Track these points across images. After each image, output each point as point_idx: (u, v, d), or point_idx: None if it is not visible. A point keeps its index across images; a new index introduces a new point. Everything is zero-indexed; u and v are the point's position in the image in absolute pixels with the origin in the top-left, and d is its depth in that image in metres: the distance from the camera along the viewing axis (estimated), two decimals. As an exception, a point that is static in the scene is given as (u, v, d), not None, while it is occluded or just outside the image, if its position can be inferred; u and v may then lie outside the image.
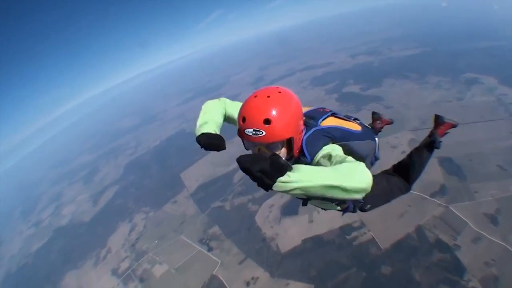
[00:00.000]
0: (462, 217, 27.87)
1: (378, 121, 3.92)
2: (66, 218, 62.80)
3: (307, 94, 77.87)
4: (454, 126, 3.81)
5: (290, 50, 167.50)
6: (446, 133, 3.84)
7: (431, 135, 3.75)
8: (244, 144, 2.24)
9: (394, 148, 42.45)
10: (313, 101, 66.49)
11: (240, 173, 41.84)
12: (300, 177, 1.50)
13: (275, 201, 37.33)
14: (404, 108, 56.06)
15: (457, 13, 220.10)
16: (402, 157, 3.72)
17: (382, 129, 3.96)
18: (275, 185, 1.47)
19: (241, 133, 2.04)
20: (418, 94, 62.27)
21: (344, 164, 1.74)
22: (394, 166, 3.73)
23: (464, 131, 42.98)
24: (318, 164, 2.12)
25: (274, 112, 1.89)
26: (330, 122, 2.52)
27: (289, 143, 2.09)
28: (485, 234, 25.35)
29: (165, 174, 59.89)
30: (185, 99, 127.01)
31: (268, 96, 1.98)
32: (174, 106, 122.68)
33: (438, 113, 3.91)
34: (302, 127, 2.20)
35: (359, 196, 1.64)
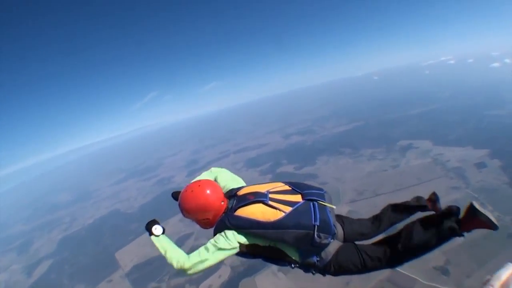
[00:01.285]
0: (410, 275, 28.14)
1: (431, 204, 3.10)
2: (-2, 286, 59.41)
3: (241, 176, 74.71)
4: (491, 228, 2.58)
5: (224, 132, 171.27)
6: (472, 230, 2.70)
7: (454, 225, 2.68)
8: None
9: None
10: (248, 183, 69.24)
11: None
12: (154, 239, 2.96)
13: (213, 281, 38.03)
14: (339, 182, 56.59)
15: (389, 84, 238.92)
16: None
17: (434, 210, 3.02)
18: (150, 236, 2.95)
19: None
20: (353, 167, 63.25)
21: (176, 249, 2.83)
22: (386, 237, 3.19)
23: (402, 195, 42.79)
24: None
25: (185, 206, 2.94)
26: (248, 210, 2.80)
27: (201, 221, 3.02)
28: (438, 285, 26.39)
29: (99, 252, 58.16)
30: (119, 179, 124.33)
31: (192, 191, 2.94)
32: (108, 185, 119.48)
33: (476, 205, 2.58)
34: (212, 213, 2.92)
35: (174, 268, 2.68)
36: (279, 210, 2.81)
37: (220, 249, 2.71)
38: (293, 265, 2.93)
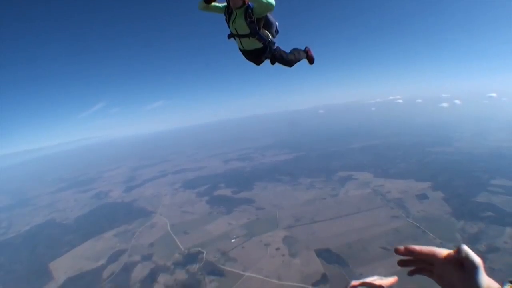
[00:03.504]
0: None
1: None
2: None
3: (178, 196, 77.17)
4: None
5: (165, 153, 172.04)
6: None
7: None
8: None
9: (267, 246, 43.40)
10: (184, 203, 64.41)
11: (110, 269, 45.81)
12: None
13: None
14: (276, 208, 56.77)
15: (334, 118, 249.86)
16: (276, 253, 6.07)
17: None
18: None
19: None
20: (291, 195, 63.57)
21: None
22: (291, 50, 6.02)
23: (340, 223, 46.24)
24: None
25: None
26: None
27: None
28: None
29: (34, 261, 55.21)
30: (58, 188, 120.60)
31: None
32: (48, 193, 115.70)
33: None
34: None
35: (270, 8, 4.41)
36: None
37: None
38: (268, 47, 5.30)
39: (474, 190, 52.06)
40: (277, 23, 5.41)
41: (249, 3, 4.66)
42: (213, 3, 4.87)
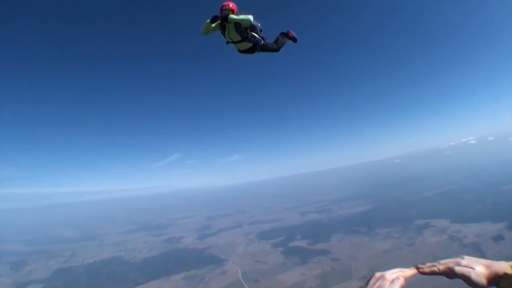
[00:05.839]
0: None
1: None
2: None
3: (252, 246, 77.01)
4: None
5: (241, 204, 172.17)
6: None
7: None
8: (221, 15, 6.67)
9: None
10: (258, 253, 65.54)
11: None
12: (237, 17, 6.53)
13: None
14: (351, 259, 55.21)
15: (409, 166, 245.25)
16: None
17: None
18: (229, 17, 6.52)
19: (221, 10, 6.67)
20: (367, 246, 62.02)
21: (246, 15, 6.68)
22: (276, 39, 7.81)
23: (415, 275, 44.54)
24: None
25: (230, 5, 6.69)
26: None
27: (232, 11, 6.68)
28: None
29: None
30: (129, 230, 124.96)
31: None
32: (117, 232, 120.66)
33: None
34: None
35: (251, 22, 6.72)
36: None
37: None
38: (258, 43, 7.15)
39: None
40: (259, 24, 7.13)
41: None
42: (212, 25, 6.84)
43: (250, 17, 6.50)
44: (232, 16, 6.49)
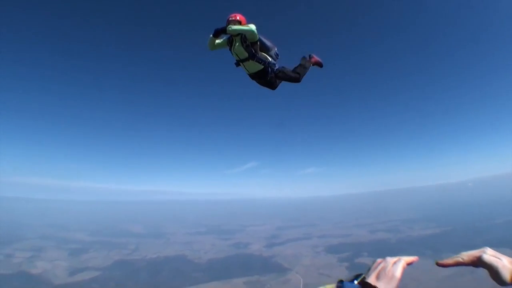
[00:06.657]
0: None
1: None
2: (37, 269, 63.90)
3: (318, 259, 77.60)
4: None
5: (312, 218, 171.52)
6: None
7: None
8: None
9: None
10: (323, 266, 68.71)
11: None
12: (236, 27, 5.72)
13: None
14: (414, 281, 54.86)
15: (483, 191, 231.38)
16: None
17: None
18: (228, 27, 5.71)
19: (227, 22, 5.92)
20: (431, 269, 55.78)
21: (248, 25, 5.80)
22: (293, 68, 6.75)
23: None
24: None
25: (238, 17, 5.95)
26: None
27: (239, 22, 5.93)
28: None
29: (150, 285, 57.77)
30: (197, 232, 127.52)
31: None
32: (184, 233, 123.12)
33: None
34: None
35: (253, 32, 5.73)
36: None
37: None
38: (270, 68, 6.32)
39: None
40: (276, 48, 6.46)
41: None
42: (217, 41, 6.11)
43: (252, 26, 5.72)
44: (232, 26, 5.77)
